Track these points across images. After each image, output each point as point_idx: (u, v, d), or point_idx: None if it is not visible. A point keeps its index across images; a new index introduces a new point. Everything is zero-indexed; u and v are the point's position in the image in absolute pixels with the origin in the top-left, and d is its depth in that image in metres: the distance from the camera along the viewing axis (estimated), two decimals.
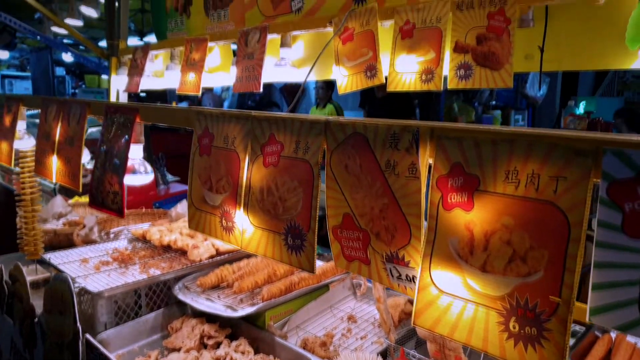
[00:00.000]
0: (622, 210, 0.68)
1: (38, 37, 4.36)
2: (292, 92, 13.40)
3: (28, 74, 15.41)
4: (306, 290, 2.22)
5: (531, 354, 0.73)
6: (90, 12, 5.19)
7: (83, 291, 2.10)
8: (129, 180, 1.64)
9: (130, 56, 3.77)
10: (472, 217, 0.79)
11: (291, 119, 1.09)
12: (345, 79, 2.26)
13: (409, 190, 0.89)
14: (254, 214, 1.19)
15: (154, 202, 4.39)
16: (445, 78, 1.92)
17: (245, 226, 1.22)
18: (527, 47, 1.79)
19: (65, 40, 11.82)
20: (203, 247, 2.41)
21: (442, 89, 1.90)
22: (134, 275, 2.24)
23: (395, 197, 0.91)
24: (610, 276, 0.69)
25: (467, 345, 0.79)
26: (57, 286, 2.17)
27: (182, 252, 2.51)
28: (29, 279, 2.48)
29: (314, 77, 2.48)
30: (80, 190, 1.90)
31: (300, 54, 2.62)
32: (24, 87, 14.59)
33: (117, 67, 3.83)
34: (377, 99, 5.85)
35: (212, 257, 2.43)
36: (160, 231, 2.66)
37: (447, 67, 1.89)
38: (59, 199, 3.65)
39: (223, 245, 2.49)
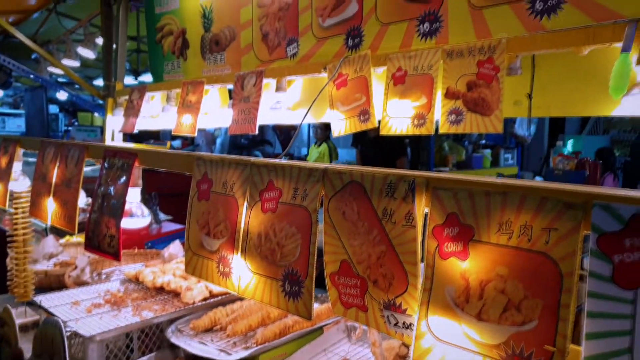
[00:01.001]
0: (612, 261, 0.70)
1: (32, 77, 4.41)
2: (284, 130, 13.55)
3: (21, 111, 15.48)
4: (300, 333, 2.20)
5: None
6: (88, 54, 5.30)
7: (74, 335, 2.07)
8: (126, 223, 1.65)
9: (126, 97, 3.84)
10: (468, 266, 0.81)
11: (290, 166, 1.12)
12: (340, 123, 2.32)
13: (406, 238, 0.92)
14: (251, 260, 1.20)
15: (146, 241, 4.35)
16: (437, 122, 1.97)
17: (242, 272, 1.23)
18: (516, 93, 1.86)
19: (60, 79, 11.97)
20: (196, 289, 2.39)
21: (433, 133, 1.96)
22: (127, 318, 2.21)
23: (392, 244, 0.94)
24: (603, 326, 0.71)
25: None
26: (48, 330, 2.14)
27: (176, 294, 2.49)
28: (18, 322, 2.43)
29: (309, 120, 2.53)
30: (76, 231, 1.90)
31: (296, 97, 2.68)
32: (16, 125, 14.62)
33: (113, 107, 3.88)
34: (369, 139, 5.94)
35: (205, 299, 2.41)
36: (153, 272, 2.64)
37: (438, 112, 1.95)
38: (50, 239, 3.62)
39: (217, 287, 2.47)
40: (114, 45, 4.24)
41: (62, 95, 12.24)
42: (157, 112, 3.56)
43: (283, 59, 2.78)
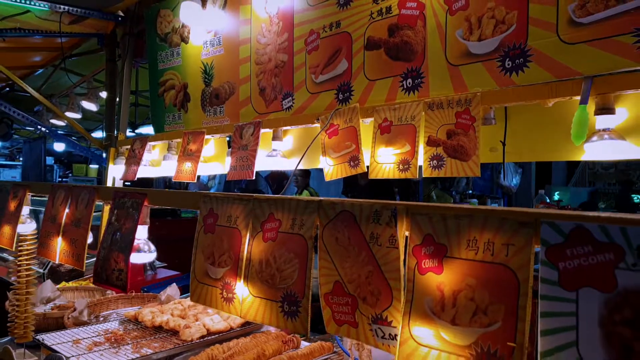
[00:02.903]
0: (558, 268, 0.86)
1: (39, 127, 4.60)
2: (276, 179, 13.74)
3: (16, 163, 15.64)
4: None
5: None
6: (90, 106, 5.53)
7: None
8: (135, 258, 1.78)
9: (127, 147, 4.02)
10: (442, 279, 0.96)
11: (289, 200, 1.28)
12: (331, 168, 2.50)
13: (390, 258, 1.06)
14: (253, 285, 1.33)
15: (142, 287, 4.41)
16: (421, 168, 2.16)
17: (244, 296, 1.35)
18: (491, 141, 2.06)
19: (59, 132, 12.21)
20: (194, 327, 2.48)
21: (417, 177, 2.14)
22: (127, 354, 2.28)
23: (378, 264, 1.08)
24: (554, 323, 0.85)
25: None
26: None
27: (174, 333, 2.56)
28: None
29: (302, 166, 2.71)
30: (84, 269, 2.02)
31: (290, 145, 2.88)
32: (10, 176, 14.74)
33: (115, 156, 4.06)
34: (359, 186, 6.13)
35: (202, 337, 2.49)
36: (152, 312, 2.72)
37: (421, 158, 2.14)
38: (48, 284, 3.68)
39: (213, 326, 2.56)
40: (117, 99, 4.48)
41: (59, 147, 12.44)
42: (158, 161, 3.74)
43: (279, 111, 2.99)
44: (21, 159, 16.05)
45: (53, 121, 7.04)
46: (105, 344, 2.44)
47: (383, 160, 2.24)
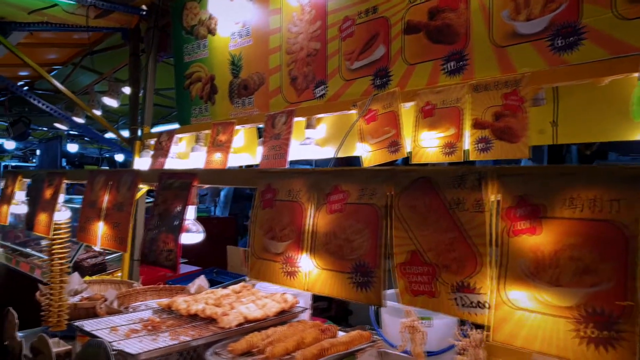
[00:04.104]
0: None
1: (69, 121, 4.61)
2: None
3: (30, 164, 15.73)
4: (336, 356, 2.24)
5: (606, 355, 0.83)
6: (112, 103, 5.54)
7: (118, 355, 2.11)
8: (184, 238, 1.76)
9: (153, 140, 4.02)
10: (540, 240, 0.93)
11: (358, 170, 1.26)
12: (370, 154, 2.47)
13: (476, 223, 1.03)
14: (319, 257, 1.31)
15: (165, 281, 4.40)
16: (466, 152, 2.13)
17: (309, 269, 1.33)
18: (540, 123, 2.02)
19: (72, 132, 12.26)
20: (232, 315, 2.45)
21: (462, 160, 2.11)
22: (166, 341, 2.26)
23: (462, 230, 1.05)
24: None
25: (543, 353, 0.89)
26: (91, 351, 2.19)
27: (209, 321, 2.54)
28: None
29: (341, 154, 2.68)
30: (128, 252, 2.00)
31: (323, 134, 2.85)
32: None
33: (141, 150, 4.05)
34: None
35: (240, 324, 2.46)
36: (186, 301, 2.70)
37: (467, 142, 2.11)
38: (76, 276, 3.67)
39: (250, 314, 2.53)
40: (140, 93, 4.48)
41: (72, 148, 12.50)
42: (185, 153, 3.73)
43: (311, 100, 2.97)
44: (34, 160, 16.14)
45: (74, 118, 7.04)
46: (142, 331, 2.42)
47: (426, 144, 2.21)
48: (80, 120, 6.84)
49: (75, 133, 12.68)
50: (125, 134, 4.78)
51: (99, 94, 6.00)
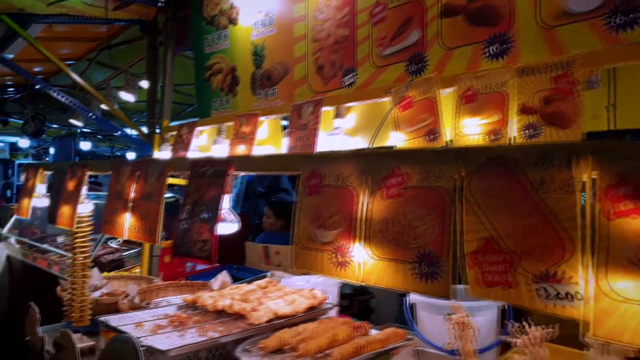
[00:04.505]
0: None
1: (90, 114, 4.55)
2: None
3: (43, 163, 15.75)
4: (372, 355, 2.14)
5: None
6: (129, 98, 5.48)
7: (146, 351, 2.02)
8: (220, 228, 1.67)
9: (173, 133, 3.94)
10: None
11: (419, 151, 1.15)
12: (405, 143, 2.36)
13: (564, 205, 0.93)
14: (376, 246, 1.20)
15: (185, 277, 4.33)
16: (512, 138, 2.01)
17: (364, 259, 1.23)
18: (593, 107, 1.90)
19: (84, 130, 12.27)
20: (262, 311, 2.36)
21: None
22: (194, 337, 2.17)
23: (548, 213, 0.95)
24: None
25: None
26: (118, 347, 2.10)
27: (237, 317, 2.45)
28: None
29: (376, 144, 2.57)
30: (158, 243, 1.91)
31: (353, 123, 2.75)
32: None
33: (160, 143, 3.97)
34: None
35: (270, 320, 2.37)
36: (212, 297, 2.61)
37: (513, 128, 1.99)
38: (95, 272, 3.60)
39: (279, 310, 2.44)
40: (158, 86, 4.41)
41: (85, 146, 12.50)
42: (206, 146, 3.64)
43: (339, 88, 2.87)
44: (47, 158, 16.19)
45: (74, 121, 7.00)
46: (168, 327, 2.33)
47: (469, 131, 2.10)
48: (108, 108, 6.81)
49: (88, 131, 12.68)
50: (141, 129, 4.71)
51: (115, 89, 5.94)
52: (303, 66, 3.11)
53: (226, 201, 1.68)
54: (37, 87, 7.76)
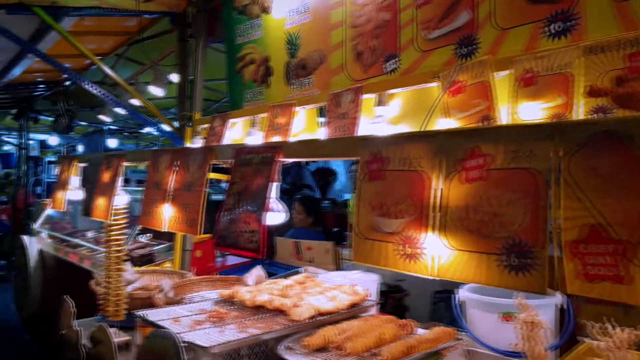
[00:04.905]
0: None
1: (123, 107, 4.53)
2: (322, 175, 13.56)
3: (78, 154, 15.97)
4: (423, 355, 2.02)
5: None
6: (158, 92, 5.44)
7: (188, 347, 1.94)
8: (267, 218, 1.56)
9: (204, 126, 3.87)
10: None
11: (506, 127, 1.02)
12: None
13: None
14: (454, 236, 1.08)
15: (214, 273, 4.26)
16: None
17: (439, 251, 1.10)
18: None
19: (111, 127, 12.39)
20: (304, 307, 2.25)
21: None
22: (234, 334, 2.08)
23: None
24: None
25: None
26: (157, 342, 2.02)
27: (276, 313, 2.34)
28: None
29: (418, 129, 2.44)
30: (199, 234, 1.82)
31: (396, 111, 2.61)
32: None
33: (192, 135, 3.91)
34: None
35: (312, 317, 2.26)
36: (250, 292, 2.52)
37: (579, 112, 1.84)
38: (129, 266, 3.56)
39: (322, 306, 2.33)
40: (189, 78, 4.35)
41: (112, 143, 12.63)
42: (240, 139, 3.56)
43: (380, 75, 2.74)
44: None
45: (103, 117, 7.00)
46: (206, 323, 2.24)
47: (528, 116, 1.94)
48: (124, 112, 6.80)
49: (115, 128, 12.80)
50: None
51: (143, 84, 5.91)
52: (340, 54, 2.99)
53: (274, 190, 1.57)
54: (66, 83, 7.83)
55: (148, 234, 5.22)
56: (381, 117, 2.57)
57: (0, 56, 5.68)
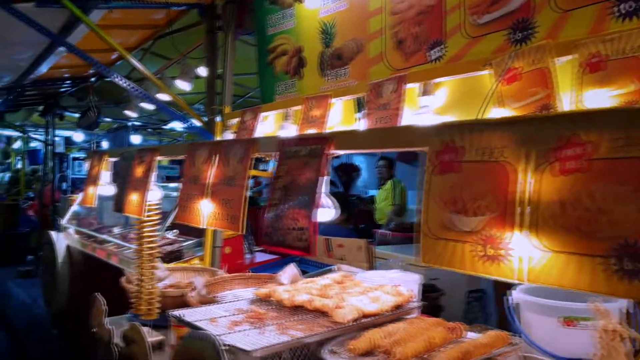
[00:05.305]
0: None
1: (150, 101, 4.47)
2: (346, 171, 13.43)
3: (108, 149, 16.12)
4: None
5: None
6: (185, 86, 5.38)
7: (227, 350, 1.84)
8: (318, 215, 1.44)
9: (234, 121, 3.77)
10: None
11: (612, 111, 0.88)
12: None
13: None
14: (548, 236, 0.94)
15: (246, 270, 4.18)
16: None
17: (529, 252, 0.97)
18: None
19: (135, 123, 12.45)
20: (347, 308, 2.13)
21: None
22: (275, 336, 1.97)
23: None
24: None
25: None
26: (195, 344, 1.93)
27: (318, 314, 2.23)
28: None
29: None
30: (242, 232, 1.71)
31: (442, 100, 2.47)
32: None
33: (222, 130, 3.82)
34: None
35: (355, 319, 2.14)
36: (288, 291, 2.41)
37: None
38: (159, 263, 3.49)
39: (365, 307, 2.21)
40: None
41: (135, 139, 12.70)
42: (273, 132, 3.45)
43: (424, 63, 2.60)
44: None
45: (129, 113, 6.96)
46: (244, 324, 2.14)
47: (595, 104, 1.79)
48: (150, 107, 6.78)
49: (139, 124, 12.87)
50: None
51: (169, 79, 5.86)
52: (379, 42, 2.85)
53: (324, 184, 1.45)
54: (92, 79, 7.85)
55: (174, 230, 5.16)
56: (426, 108, 2.43)
57: (28, 52, 5.69)
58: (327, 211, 1.51)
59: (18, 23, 3.88)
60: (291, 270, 2.99)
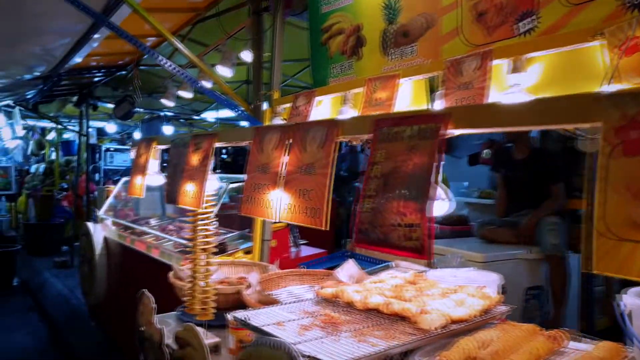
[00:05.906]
0: None
1: (195, 85, 4.28)
2: None
3: (127, 147, 16.19)
4: None
5: None
6: (226, 73, 5.17)
7: None
8: (432, 209, 1.18)
9: (284, 107, 3.54)
10: None
11: None
12: None
13: None
14: None
15: (296, 265, 3.97)
16: None
17: None
18: None
19: (168, 113, 12.38)
20: (434, 314, 1.88)
21: None
22: (353, 344, 1.73)
23: None
24: None
25: None
26: (265, 352, 1.71)
27: (394, 319, 1.99)
28: None
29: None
30: (326, 227, 1.46)
31: (535, 79, 2.17)
32: (122, 160, 15.22)
33: (271, 116, 3.59)
34: (516, 161, 5.27)
35: (444, 326, 1.88)
36: (359, 292, 2.17)
37: None
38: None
39: (452, 312, 1.95)
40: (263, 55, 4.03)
41: (168, 130, 12.63)
42: (328, 117, 3.20)
43: (510, 38, 2.30)
44: (131, 143, 16.60)
45: (164, 101, 6.81)
46: (314, 329, 1.92)
47: None
48: (189, 95, 6.61)
49: (171, 114, 12.79)
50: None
51: (209, 65, 5.66)
52: (454, 15, 2.56)
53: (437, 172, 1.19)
54: (128, 68, 7.73)
55: (214, 222, 4.98)
56: (517, 87, 2.14)
57: (64, 40, 5.55)
58: (441, 204, 1.25)
59: (54, 10, 3.72)
60: (351, 266, 2.75)
